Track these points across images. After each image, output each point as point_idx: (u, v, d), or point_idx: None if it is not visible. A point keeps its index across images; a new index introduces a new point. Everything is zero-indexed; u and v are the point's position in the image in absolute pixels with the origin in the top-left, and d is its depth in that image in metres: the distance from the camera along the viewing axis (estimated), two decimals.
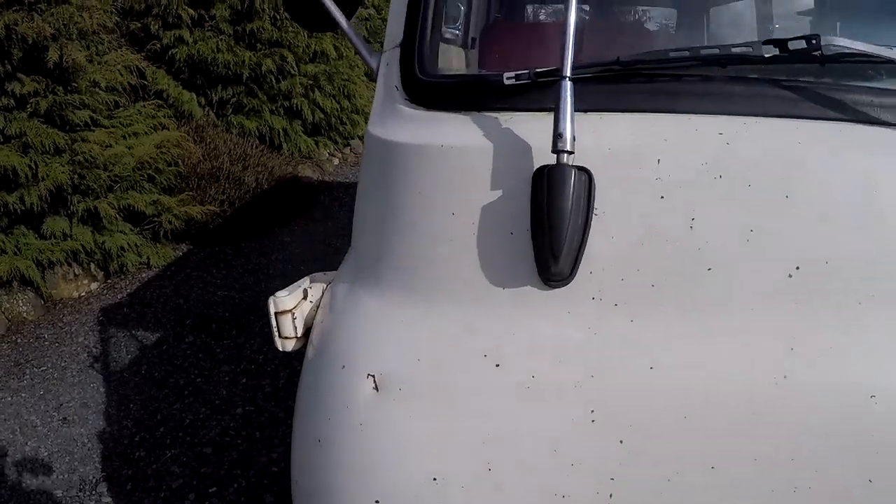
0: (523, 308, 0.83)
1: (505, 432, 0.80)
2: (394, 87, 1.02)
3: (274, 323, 0.99)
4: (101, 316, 3.90)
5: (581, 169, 0.80)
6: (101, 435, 2.82)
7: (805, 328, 0.84)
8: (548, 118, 0.82)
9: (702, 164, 0.84)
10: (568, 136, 0.78)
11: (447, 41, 1.73)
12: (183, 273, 4.48)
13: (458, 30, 1.80)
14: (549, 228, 0.77)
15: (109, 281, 4.36)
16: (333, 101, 6.92)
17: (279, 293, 0.99)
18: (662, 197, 0.84)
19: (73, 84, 4.28)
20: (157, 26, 5.81)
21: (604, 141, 0.85)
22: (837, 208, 0.86)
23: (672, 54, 0.85)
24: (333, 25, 1.19)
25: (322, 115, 6.79)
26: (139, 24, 5.88)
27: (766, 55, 0.82)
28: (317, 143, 6.96)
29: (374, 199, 0.99)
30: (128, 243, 4.27)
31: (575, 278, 0.80)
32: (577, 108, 0.82)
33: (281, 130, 6.42)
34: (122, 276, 4.38)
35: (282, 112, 6.49)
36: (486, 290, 0.84)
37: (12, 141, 3.94)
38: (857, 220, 0.86)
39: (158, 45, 5.81)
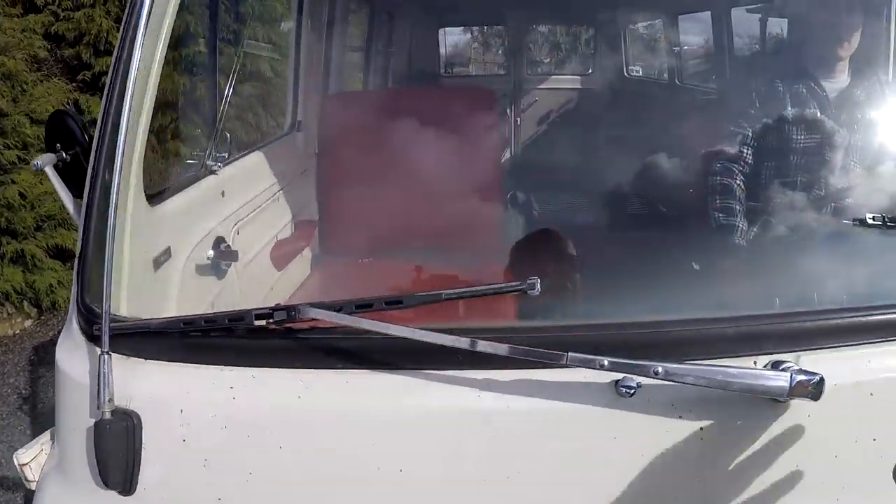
0: None
1: None
2: (75, 295, 1.16)
3: (20, 471, 1.23)
4: (32, 355, 4.06)
5: (129, 414, 1.03)
6: None
7: None
8: (126, 362, 1.04)
9: (212, 416, 1.05)
10: (105, 399, 1.00)
11: (213, 172, 1.82)
12: None
13: (225, 153, 1.90)
14: (101, 463, 1.02)
15: (43, 317, 4.52)
16: (271, 119, 7.03)
17: (20, 451, 1.23)
18: (184, 440, 1.05)
19: None
20: (88, 54, 5.85)
21: (152, 390, 1.06)
22: (331, 458, 1.03)
23: (184, 324, 1.05)
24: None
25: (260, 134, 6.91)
26: (72, 51, 5.92)
27: (253, 327, 1.00)
28: None
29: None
30: (58, 280, 4.41)
31: (137, 490, 1.06)
32: (140, 355, 1.06)
33: None
34: (55, 313, 4.53)
35: None
36: (93, 491, 1.08)
37: None
38: (349, 467, 1.04)
39: (89, 74, 5.87)
